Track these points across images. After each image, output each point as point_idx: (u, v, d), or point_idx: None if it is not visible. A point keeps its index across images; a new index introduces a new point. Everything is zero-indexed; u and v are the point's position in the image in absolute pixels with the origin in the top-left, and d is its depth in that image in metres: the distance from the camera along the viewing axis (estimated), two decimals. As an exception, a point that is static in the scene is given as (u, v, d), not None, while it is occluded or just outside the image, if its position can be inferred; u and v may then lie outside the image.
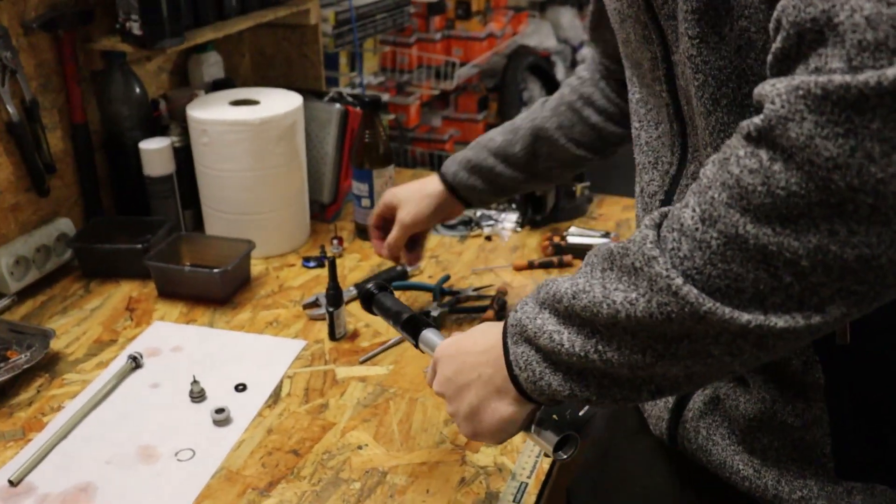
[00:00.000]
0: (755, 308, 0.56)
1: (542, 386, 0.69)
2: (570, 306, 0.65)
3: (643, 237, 0.61)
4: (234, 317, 1.35)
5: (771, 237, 0.54)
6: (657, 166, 0.82)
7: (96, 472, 1.01)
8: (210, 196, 1.54)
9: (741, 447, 0.76)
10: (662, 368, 0.62)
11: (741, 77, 0.65)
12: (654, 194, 0.82)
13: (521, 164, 1.20)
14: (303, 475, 0.99)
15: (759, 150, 0.54)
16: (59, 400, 1.14)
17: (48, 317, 1.35)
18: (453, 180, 1.23)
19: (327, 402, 1.13)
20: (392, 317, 1.02)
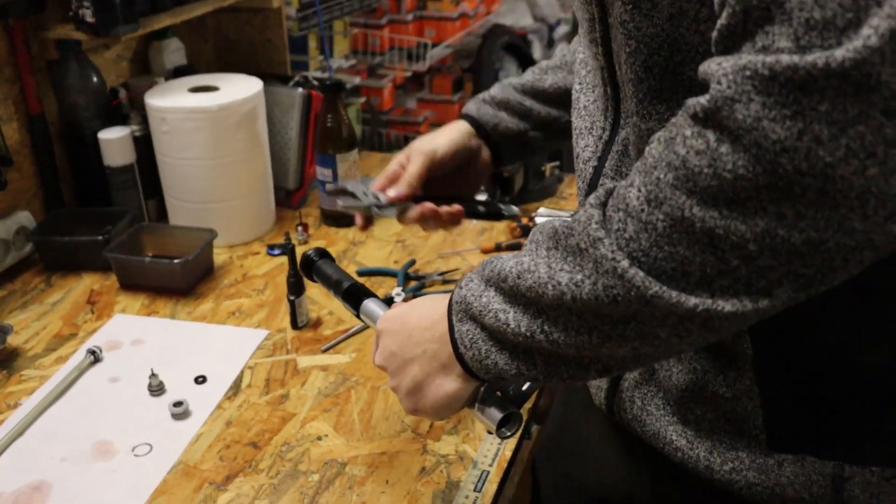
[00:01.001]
0: (702, 291, 0.55)
1: (487, 364, 0.68)
2: (515, 286, 0.64)
3: (588, 217, 0.60)
4: (197, 307, 1.33)
5: (717, 220, 0.53)
6: (592, 131, 0.81)
7: (51, 469, 0.99)
8: (172, 185, 1.52)
9: (675, 418, 0.76)
10: (609, 349, 0.62)
11: (673, 46, 0.64)
12: (588, 160, 0.80)
13: (554, 100, 1.07)
14: (261, 468, 0.98)
15: (706, 131, 0.52)
16: (16, 397, 1.12)
17: (7, 312, 1.33)
18: (478, 114, 1.08)
19: (288, 393, 1.11)
20: (332, 285, 0.98)
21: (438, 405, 0.75)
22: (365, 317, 0.92)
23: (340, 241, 1.54)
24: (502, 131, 1.07)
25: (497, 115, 1.07)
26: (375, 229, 1.57)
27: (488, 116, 1.07)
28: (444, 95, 3.67)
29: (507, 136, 1.07)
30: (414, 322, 0.77)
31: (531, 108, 1.07)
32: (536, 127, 1.07)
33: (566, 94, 1.02)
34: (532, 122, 1.07)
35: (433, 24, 3.36)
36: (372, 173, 1.83)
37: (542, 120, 1.07)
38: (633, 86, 0.68)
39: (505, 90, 1.08)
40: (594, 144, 0.80)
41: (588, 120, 0.81)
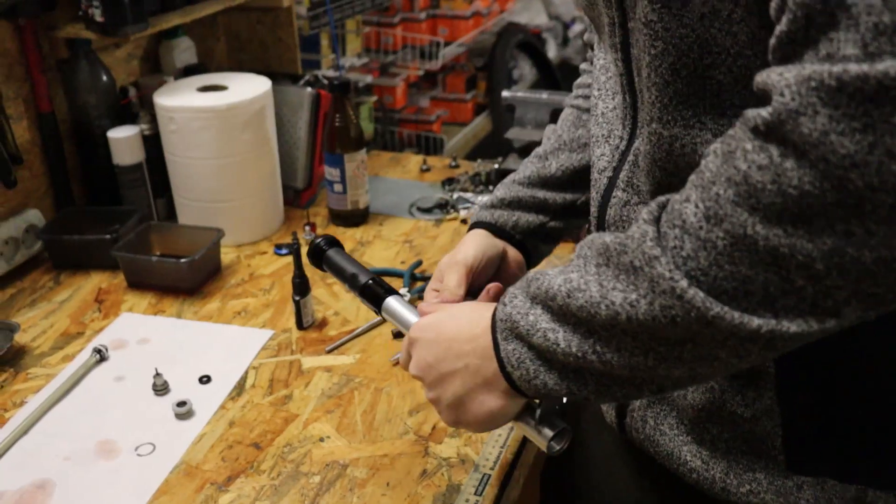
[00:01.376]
0: (765, 311, 0.53)
1: (536, 384, 0.66)
2: (564, 305, 0.62)
3: (642, 233, 0.57)
4: (203, 307, 1.33)
5: (782, 238, 0.50)
6: (609, 140, 0.79)
7: (55, 468, 1.00)
8: (180, 184, 1.52)
9: (689, 437, 0.75)
10: (665, 370, 0.60)
11: (703, 48, 0.62)
12: (603, 170, 0.79)
13: (565, 184, 0.99)
14: (262, 469, 0.98)
15: (769, 145, 0.50)
16: (22, 395, 1.13)
17: (16, 310, 1.34)
18: (493, 218, 0.98)
19: (291, 394, 1.11)
20: (348, 279, 0.93)
21: (482, 421, 0.73)
22: (389, 316, 0.88)
23: (348, 240, 1.54)
24: (523, 228, 0.98)
25: (513, 213, 0.98)
26: (383, 229, 1.57)
27: (504, 218, 0.98)
28: (457, 94, 3.67)
29: (529, 232, 0.99)
30: (452, 333, 0.74)
31: (545, 199, 0.98)
32: (556, 216, 1.00)
33: (575, 175, 0.99)
34: (550, 212, 0.99)
35: (446, 23, 3.36)
36: (381, 173, 1.83)
37: (560, 207, 0.99)
38: (657, 90, 0.66)
39: (512, 189, 1.00)
40: (610, 154, 0.78)
41: (605, 128, 0.80)
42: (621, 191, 0.75)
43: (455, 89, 3.65)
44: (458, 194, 1.68)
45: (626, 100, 0.75)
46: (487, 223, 0.99)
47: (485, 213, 1.00)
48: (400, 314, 0.87)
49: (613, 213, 0.76)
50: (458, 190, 1.71)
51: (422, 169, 1.85)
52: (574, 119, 1.03)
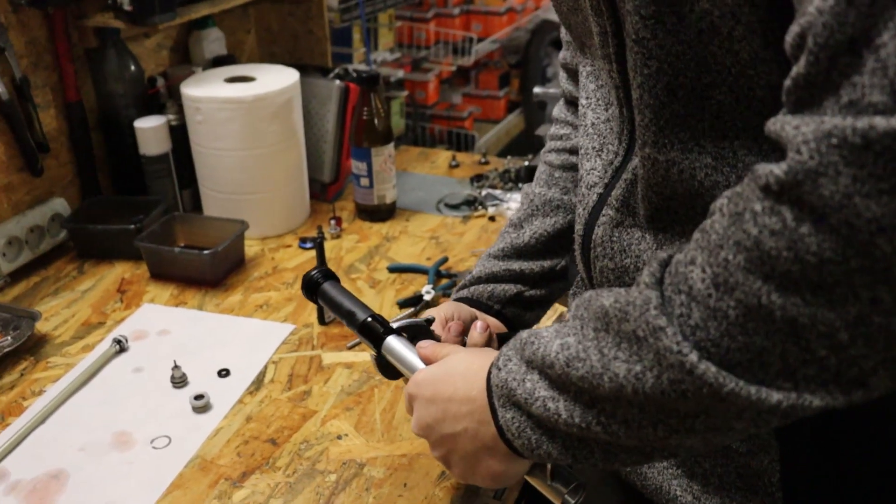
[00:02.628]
0: (784, 382, 0.49)
1: (540, 454, 0.62)
2: (563, 374, 0.58)
3: (645, 300, 0.52)
4: (225, 299, 1.32)
5: (801, 308, 0.46)
6: (601, 154, 0.73)
7: (69, 458, 0.99)
8: (206, 176, 1.51)
9: (680, 471, 0.71)
10: (677, 440, 0.55)
11: (701, 66, 0.57)
12: (593, 185, 0.73)
13: (540, 251, 0.97)
14: (278, 465, 0.96)
15: (781, 207, 0.46)
16: (41, 384, 1.12)
17: (39, 298, 1.33)
18: (469, 293, 0.97)
19: (310, 389, 1.09)
20: (344, 316, 0.89)
21: (492, 480, 0.70)
22: (389, 355, 0.85)
23: (374, 235, 1.52)
24: (499, 297, 0.96)
25: (488, 286, 0.97)
26: (410, 225, 1.55)
27: (479, 291, 0.97)
28: (489, 91, 3.64)
29: (506, 301, 0.96)
30: (448, 393, 0.71)
31: (521, 269, 0.96)
32: (534, 285, 0.97)
33: (551, 240, 0.96)
34: (528, 282, 0.97)
35: (480, 19, 3.33)
36: (409, 168, 1.81)
37: (538, 276, 0.97)
38: (651, 112, 0.61)
39: (487, 264, 0.98)
40: (602, 169, 0.73)
41: (597, 140, 0.74)
42: (614, 210, 0.70)
43: (488, 86, 3.63)
44: (487, 191, 1.65)
45: (622, 113, 0.69)
46: (465, 298, 0.97)
47: (462, 293, 0.98)
48: (401, 355, 0.83)
49: (602, 232, 0.71)
50: (486, 187, 1.68)
51: (451, 165, 1.82)
52: (546, 178, 1.00)
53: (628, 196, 0.68)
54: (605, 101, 0.75)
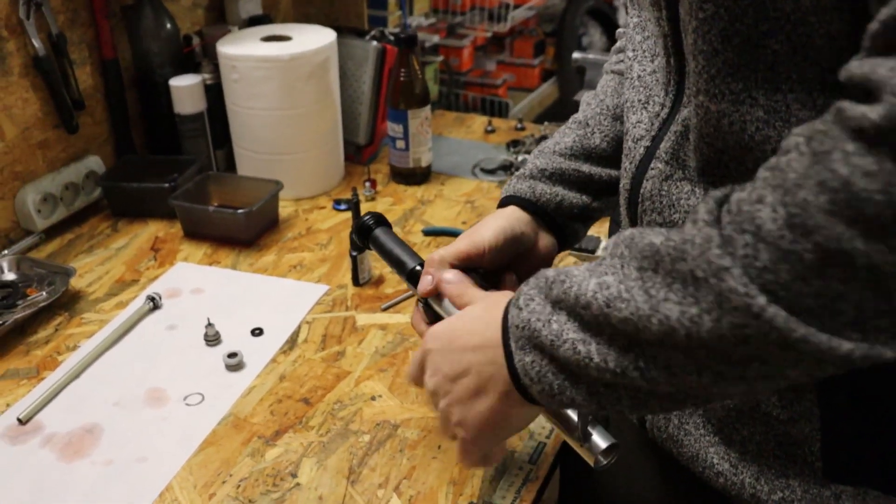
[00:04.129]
0: (853, 332, 0.46)
1: (561, 400, 0.58)
2: (602, 315, 0.54)
3: (706, 238, 0.49)
4: (258, 259, 1.31)
5: (886, 255, 0.43)
6: (647, 106, 0.71)
7: (103, 413, 0.99)
8: (241, 135, 1.50)
9: (717, 438, 0.68)
10: (720, 388, 0.53)
11: (759, 12, 0.54)
12: (640, 139, 0.70)
13: (609, 158, 0.88)
14: (311, 425, 0.95)
15: (879, 150, 0.43)
16: (75, 339, 1.12)
17: (74, 255, 1.33)
18: (533, 194, 0.86)
19: (344, 350, 1.08)
20: (394, 263, 0.87)
21: (499, 432, 0.67)
22: (435, 304, 0.80)
23: (409, 198, 1.50)
24: (567, 210, 0.86)
25: (554, 190, 0.86)
26: (445, 189, 1.53)
27: (547, 195, 0.85)
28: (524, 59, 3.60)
29: (573, 216, 0.87)
30: (462, 339, 0.67)
31: (591, 174, 0.87)
32: (600, 195, 0.88)
33: (620, 147, 0.87)
34: (594, 191, 0.87)
35: (516, -15, 3.28)
36: (445, 133, 1.79)
37: (605, 185, 0.88)
38: (704, 59, 0.58)
39: (552, 159, 0.88)
40: (649, 122, 0.70)
41: (643, 93, 0.72)
42: (663, 163, 0.67)
43: (523, 54, 3.58)
44: (523, 157, 1.63)
45: (669, 63, 0.67)
46: (526, 200, 0.86)
47: (522, 186, 0.87)
48: (446, 304, 0.79)
49: (650, 186, 0.68)
50: (522, 152, 1.66)
51: (486, 130, 1.80)
52: (615, 86, 0.93)
53: (678, 149, 0.65)
54: (651, 53, 0.72)
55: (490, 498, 0.85)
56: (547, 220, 0.86)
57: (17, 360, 1.08)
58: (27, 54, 1.33)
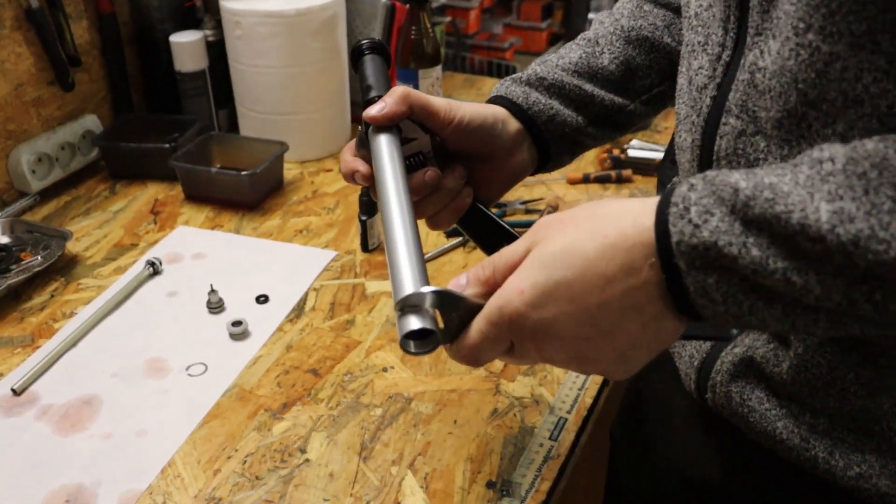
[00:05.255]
0: None
1: (747, 321, 0.48)
2: (840, 253, 0.43)
3: None
4: (263, 223, 1.26)
5: None
6: (706, 48, 0.62)
7: (102, 384, 0.94)
8: (244, 94, 1.44)
9: (784, 411, 0.63)
10: None
11: None
12: (704, 87, 0.62)
13: (615, 82, 0.79)
14: (320, 398, 0.91)
15: None
16: (72, 305, 1.07)
17: (70, 218, 1.28)
18: (526, 101, 0.76)
19: (354, 319, 1.03)
20: (362, 90, 0.73)
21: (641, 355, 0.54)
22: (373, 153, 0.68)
23: (417, 162, 1.44)
24: (557, 127, 0.76)
25: (550, 104, 0.76)
26: (455, 152, 1.48)
27: (540, 106, 0.76)
28: (532, 22, 3.51)
29: (562, 136, 0.77)
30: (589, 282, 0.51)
31: (593, 94, 0.78)
32: (597, 122, 0.79)
33: (630, 73, 0.79)
34: (592, 114, 0.78)
35: (525, -56, 3.19)
36: (454, 95, 1.73)
37: (606, 111, 0.79)
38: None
39: (553, 71, 0.78)
40: (710, 67, 0.61)
41: (701, 32, 0.63)
42: (734, 117, 0.58)
43: (530, 17, 3.49)
44: (536, 119, 1.57)
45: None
46: (516, 104, 0.75)
47: (516, 89, 0.76)
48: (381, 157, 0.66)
49: (725, 144, 0.60)
50: (535, 115, 1.60)
51: (497, 92, 1.74)
52: (633, 9, 0.83)
53: (746, 99, 0.57)
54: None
55: (510, 476, 0.81)
56: (532, 133, 0.76)
57: (12, 327, 1.03)
58: (19, 6, 1.26)
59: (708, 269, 0.48)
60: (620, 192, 1.34)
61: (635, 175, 1.38)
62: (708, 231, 0.47)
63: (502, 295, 0.54)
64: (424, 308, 0.55)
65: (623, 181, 1.36)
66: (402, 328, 0.55)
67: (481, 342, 0.55)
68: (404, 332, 0.55)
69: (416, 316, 0.55)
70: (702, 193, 0.48)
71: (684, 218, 0.48)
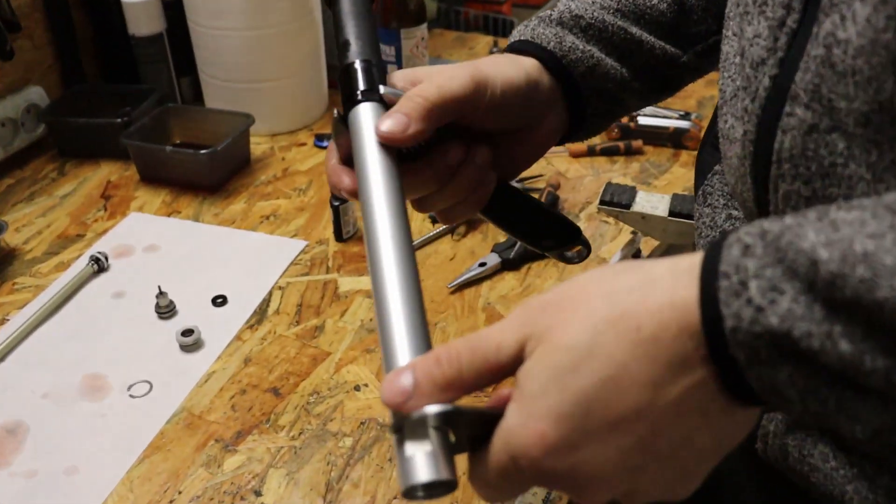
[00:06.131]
0: None
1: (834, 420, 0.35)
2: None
3: None
4: (225, 208, 1.12)
5: None
6: (765, 9, 0.47)
7: (30, 407, 0.81)
8: (206, 61, 1.29)
9: (855, 472, 0.50)
10: None
11: None
12: (762, 63, 0.47)
13: (666, 25, 0.63)
14: (281, 424, 0.78)
15: None
16: (4, 311, 0.94)
17: (11, 204, 1.14)
18: (560, 47, 0.59)
19: (323, 324, 0.90)
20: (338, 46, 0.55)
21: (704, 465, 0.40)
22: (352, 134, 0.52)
23: (402, 133, 1.30)
24: (597, 81, 0.60)
25: (589, 50, 0.60)
26: (443, 121, 1.33)
27: (578, 53, 0.59)
28: (530, -28, 3.33)
29: (602, 92, 0.61)
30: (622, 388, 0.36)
31: (641, 39, 0.62)
32: (641, 74, 0.63)
33: (683, 15, 0.64)
34: (637, 64, 0.62)
35: None
36: (444, 55, 1.58)
37: (653, 61, 0.63)
38: None
39: (591, 8, 0.61)
40: (770, 35, 0.46)
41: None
42: (802, 107, 0.43)
43: (528, -34, 3.31)
44: (533, 82, 1.42)
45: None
46: (548, 51, 0.59)
47: (546, 31, 0.60)
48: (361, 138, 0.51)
49: (790, 142, 0.45)
50: (532, 77, 1.45)
51: (491, 51, 1.58)
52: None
53: (819, 83, 0.42)
54: None
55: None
56: (566, 90, 0.59)
57: (-67, 336, 0.90)
58: (-56, -35, 1.11)
59: (777, 362, 0.34)
60: (630, 166, 1.19)
61: (646, 146, 1.23)
62: (777, 316, 0.33)
63: (512, 440, 0.38)
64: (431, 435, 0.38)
65: (633, 153, 1.22)
66: (406, 475, 0.38)
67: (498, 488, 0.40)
68: (410, 483, 0.38)
69: (424, 456, 0.37)
70: (763, 261, 0.34)
71: (741, 296, 0.34)
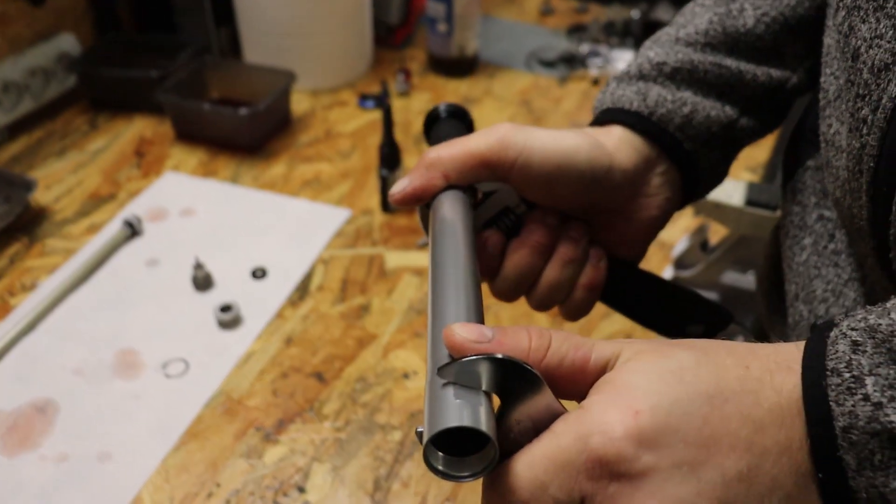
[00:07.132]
0: None
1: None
2: None
3: None
4: (265, 171, 1.06)
5: None
6: (885, 8, 0.40)
7: (61, 384, 0.76)
8: (247, 12, 1.22)
9: None
10: None
11: None
12: (885, 68, 0.39)
13: (766, 49, 0.55)
14: (325, 413, 0.73)
15: None
16: (34, 275, 0.89)
17: (42, 158, 1.09)
18: (647, 105, 0.53)
19: (369, 303, 0.85)
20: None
21: None
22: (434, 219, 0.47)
23: (450, 94, 1.23)
24: (700, 129, 0.53)
25: (681, 98, 0.53)
26: (494, 84, 1.26)
27: (668, 105, 0.52)
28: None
29: (709, 138, 0.54)
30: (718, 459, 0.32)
31: (739, 71, 0.54)
32: (751, 107, 0.55)
33: (785, 32, 0.54)
34: (743, 99, 0.54)
35: None
36: (493, 13, 1.50)
37: (759, 91, 0.54)
38: None
39: (674, 49, 0.54)
40: (893, 36, 0.39)
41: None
42: None
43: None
44: (588, 46, 1.34)
45: None
46: (631, 113, 0.52)
47: (627, 91, 0.54)
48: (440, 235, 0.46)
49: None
50: (587, 41, 1.37)
51: (542, 11, 1.50)
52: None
53: None
54: None
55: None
56: (666, 148, 0.52)
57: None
58: None
59: (894, 466, 0.30)
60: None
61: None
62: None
63: (594, 416, 0.32)
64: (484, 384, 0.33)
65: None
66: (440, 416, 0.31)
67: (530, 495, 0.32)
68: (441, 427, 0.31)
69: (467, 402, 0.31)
70: (875, 360, 0.30)
71: (855, 394, 0.30)
